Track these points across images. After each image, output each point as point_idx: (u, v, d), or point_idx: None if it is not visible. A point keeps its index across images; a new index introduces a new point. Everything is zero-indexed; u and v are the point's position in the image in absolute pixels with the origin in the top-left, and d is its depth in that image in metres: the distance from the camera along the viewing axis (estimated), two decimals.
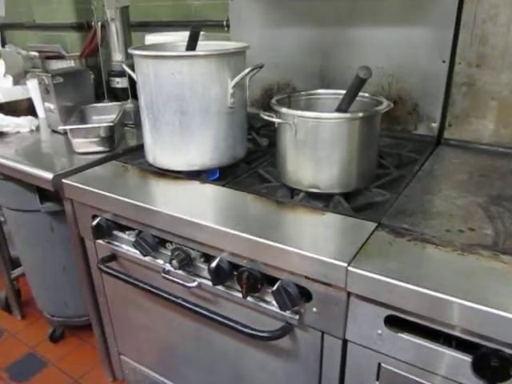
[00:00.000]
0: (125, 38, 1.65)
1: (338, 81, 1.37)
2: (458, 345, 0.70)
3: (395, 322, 0.73)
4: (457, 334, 0.68)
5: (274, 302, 0.83)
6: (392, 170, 1.11)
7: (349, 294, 0.76)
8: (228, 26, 1.57)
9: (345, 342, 0.82)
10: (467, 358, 0.68)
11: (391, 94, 1.31)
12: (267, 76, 1.50)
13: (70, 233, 1.24)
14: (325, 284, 0.77)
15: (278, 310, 0.84)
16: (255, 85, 1.53)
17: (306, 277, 0.78)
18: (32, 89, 1.57)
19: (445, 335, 0.70)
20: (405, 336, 0.73)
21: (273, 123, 0.99)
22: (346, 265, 0.72)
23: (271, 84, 1.53)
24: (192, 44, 1.09)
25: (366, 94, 1.06)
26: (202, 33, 1.14)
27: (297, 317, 0.83)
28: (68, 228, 1.25)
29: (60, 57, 1.97)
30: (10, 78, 1.74)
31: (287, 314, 0.84)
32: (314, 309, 0.81)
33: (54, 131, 1.49)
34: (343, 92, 0.99)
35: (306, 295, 0.81)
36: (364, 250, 0.75)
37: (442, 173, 1.09)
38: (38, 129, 1.54)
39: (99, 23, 1.68)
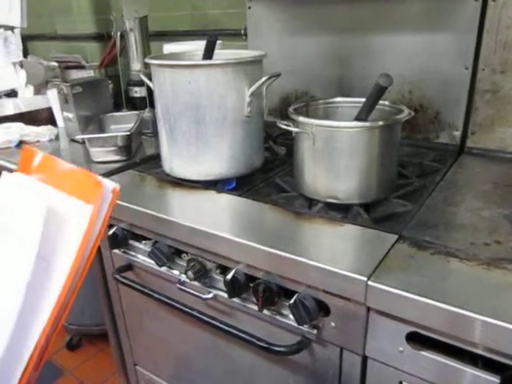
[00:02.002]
0: (143, 47, 1.66)
1: (357, 89, 1.35)
2: (484, 364, 0.66)
3: (418, 339, 0.70)
4: (483, 352, 0.64)
5: (291, 316, 0.80)
6: (413, 180, 1.08)
7: (368, 309, 0.73)
8: (245, 34, 1.56)
9: (364, 359, 0.79)
10: (494, 379, 0.65)
11: (412, 102, 1.28)
12: (285, 84, 1.49)
13: None
14: (343, 298, 0.74)
15: (295, 324, 0.81)
16: (273, 93, 1.52)
17: (324, 290, 0.76)
18: (52, 98, 1.59)
19: (470, 353, 0.66)
20: (427, 354, 0.70)
21: (290, 132, 0.97)
22: (365, 279, 0.69)
23: (289, 92, 1.52)
24: (208, 53, 1.09)
25: (386, 103, 1.03)
26: (219, 42, 1.14)
27: (314, 331, 0.81)
28: None
29: (80, 67, 2.00)
30: (31, 88, 1.77)
31: (304, 328, 0.82)
32: (333, 323, 0.78)
33: (73, 140, 1.50)
34: (362, 100, 0.96)
35: (324, 309, 0.78)
36: (384, 264, 0.73)
37: (465, 183, 1.06)
38: (57, 138, 1.55)
39: (118, 33, 1.70)
